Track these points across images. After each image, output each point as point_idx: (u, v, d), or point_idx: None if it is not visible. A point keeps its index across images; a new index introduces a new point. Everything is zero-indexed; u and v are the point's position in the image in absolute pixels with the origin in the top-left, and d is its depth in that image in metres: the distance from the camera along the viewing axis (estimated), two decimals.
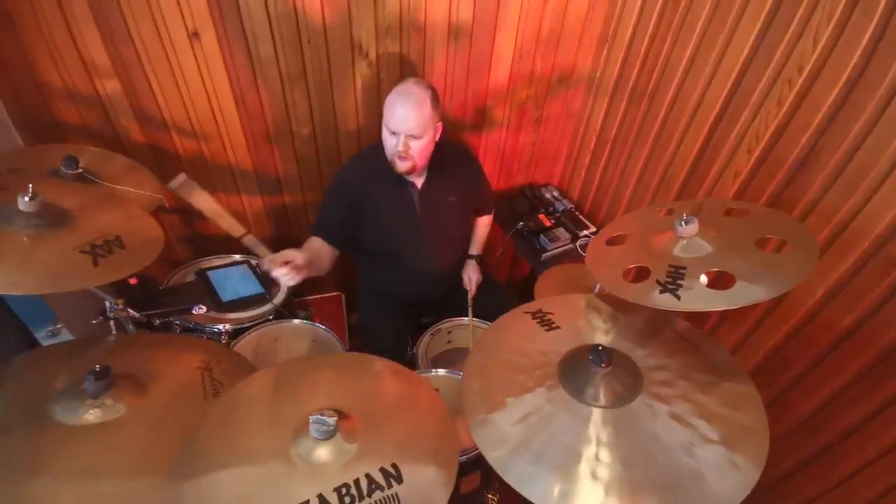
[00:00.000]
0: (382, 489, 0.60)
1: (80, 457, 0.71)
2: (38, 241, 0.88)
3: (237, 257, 1.63)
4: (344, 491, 0.59)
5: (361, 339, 1.61)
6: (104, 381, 0.79)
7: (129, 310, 1.12)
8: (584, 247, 1.72)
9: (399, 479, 0.62)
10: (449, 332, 1.56)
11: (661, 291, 0.81)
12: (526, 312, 0.94)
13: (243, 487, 0.60)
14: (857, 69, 1.00)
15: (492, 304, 1.58)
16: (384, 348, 1.50)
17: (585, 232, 1.75)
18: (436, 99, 1.29)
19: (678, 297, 0.79)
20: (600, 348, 0.74)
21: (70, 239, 0.90)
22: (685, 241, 0.89)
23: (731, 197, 1.30)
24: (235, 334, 1.41)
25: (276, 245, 1.82)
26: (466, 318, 1.51)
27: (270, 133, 1.55)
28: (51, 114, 1.36)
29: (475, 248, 1.66)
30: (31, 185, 0.90)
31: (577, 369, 0.77)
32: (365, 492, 0.59)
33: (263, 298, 1.50)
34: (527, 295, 2.12)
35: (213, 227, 1.74)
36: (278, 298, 1.52)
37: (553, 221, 1.79)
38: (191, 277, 1.54)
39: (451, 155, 1.42)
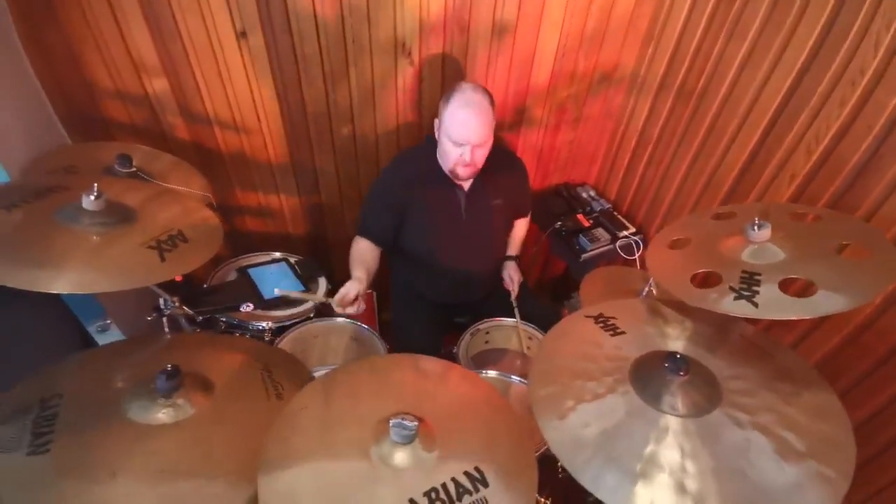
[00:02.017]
0: (470, 493, 0.60)
1: (156, 456, 0.72)
2: (106, 238, 0.88)
3: (276, 255, 1.63)
4: (434, 495, 0.59)
5: (394, 337, 1.61)
6: (175, 380, 0.79)
7: (185, 307, 1.12)
8: (624, 248, 1.69)
9: (485, 483, 0.61)
10: (487, 333, 1.55)
11: (737, 298, 0.79)
12: (587, 317, 0.92)
13: (330, 487, 0.60)
14: None
15: (532, 305, 1.57)
16: (418, 348, 1.50)
17: (625, 232, 1.73)
18: (493, 103, 1.28)
19: (755, 305, 0.77)
20: (678, 356, 0.73)
21: (136, 235, 0.91)
22: (756, 247, 0.87)
23: (786, 200, 1.28)
24: (277, 332, 1.42)
25: (313, 243, 1.85)
26: (511, 320, 1.50)
27: (311, 131, 1.55)
28: (98, 111, 1.37)
29: (514, 248, 1.65)
30: (95, 184, 0.90)
31: (651, 376, 0.76)
32: (454, 496, 0.59)
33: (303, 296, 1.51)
34: (560, 295, 2.13)
35: (251, 224, 1.76)
36: (318, 296, 1.53)
37: (591, 222, 1.77)
38: (232, 275, 1.55)
39: (498, 158, 1.40)
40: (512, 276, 1.59)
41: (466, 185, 1.41)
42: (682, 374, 0.72)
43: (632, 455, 0.67)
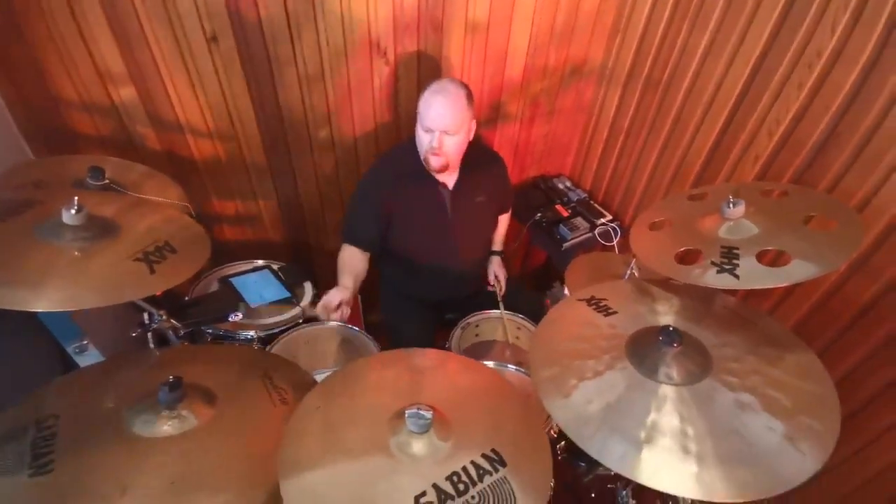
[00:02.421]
0: (490, 473, 0.62)
1: (166, 468, 0.71)
2: (89, 253, 0.86)
3: (258, 262, 1.61)
4: (456, 479, 0.61)
5: (387, 337, 1.62)
6: (178, 392, 0.78)
7: (173, 320, 1.10)
8: (602, 235, 1.76)
9: (503, 463, 0.64)
10: (477, 326, 1.58)
11: (719, 272, 0.85)
12: (580, 300, 0.96)
13: (352, 483, 0.61)
14: (873, 54, 1.06)
15: (520, 297, 1.61)
16: (411, 345, 1.51)
17: (602, 220, 1.80)
18: (470, 97, 1.30)
19: (737, 277, 0.83)
20: (671, 329, 0.77)
21: (121, 248, 0.89)
22: (732, 223, 0.93)
23: (752, 179, 1.36)
24: (266, 340, 1.41)
25: (295, 248, 1.83)
26: (497, 311, 1.53)
27: (288, 135, 1.54)
28: (63, 123, 1.33)
29: (498, 244, 1.69)
30: (76, 198, 0.88)
31: (646, 350, 0.80)
32: (475, 478, 0.61)
33: (290, 302, 1.50)
34: (543, 284, 2.17)
35: (230, 233, 1.73)
36: (305, 301, 1.52)
37: (570, 211, 1.83)
38: (214, 286, 1.52)
39: (479, 155, 1.44)
40: (497, 275, 1.63)
41: (451, 182, 1.44)
42: (675, 345, 0.77)
43: (635, 424, 0.71)
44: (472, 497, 0.60)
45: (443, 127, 1.27)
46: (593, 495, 1.17)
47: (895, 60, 1.03)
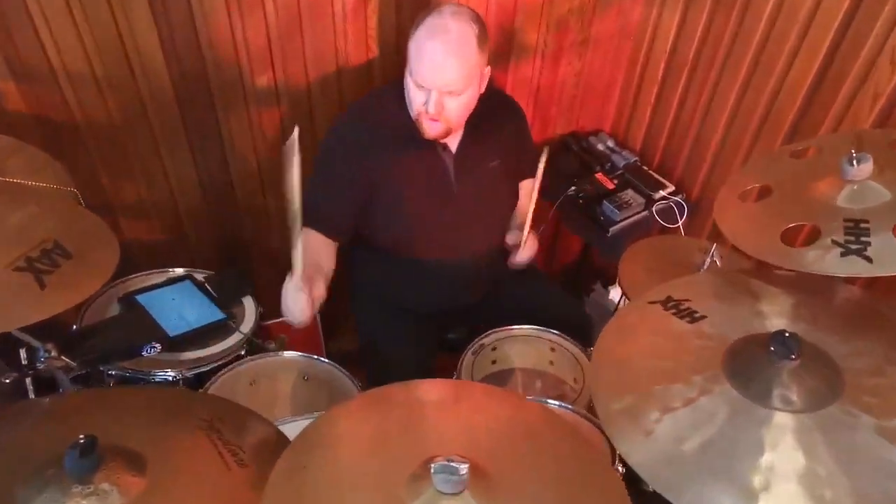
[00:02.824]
0: None
1: None
2: None
3: (178, 271, 1.61)
4: None
5: (370, 368, 1.64)
6: (92, 457, 0.78)
7: (64, 357, 1.10)
8: (663, 213, 1.81)
9: None
10: (494, 349, 1.60)
11: (844, 254, 0.89)
12: (653, 303, 1.00)
13: None
14: None
15: (550, 302, 1.65)
16: (403, 376, 1.52)
17: (662, 192, 1.85)
18: (483, 36, 1.32)
19: (870, 260, 0.87)
20: (786, 335, 0.81)
21: None
22: (855, 187, 0.97)
23: (870, 126, 1.41)
24: (193, 381, 1.41)
25: (226, 251, 1.83)
26: (528, 327, 1.55)
27: (212, 84, 1.55)
28: None
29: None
30: None
31: (753, 366, 0.84)
32: None
33: (226, 326, 1.50)
34: (578, 287, 2.22)
35: (131, 230, 1.71)
36: (247, 325, 1.53)
37: (616, 182, 1.88)
38: (113, 307, 1.52)
39: (492, 104, 1.46)
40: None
41: (453, 143, 1.46)
42: (793, 357, 0.80)
43: (746, 467, 0.74)
44: None
45: (442, 85, 1.29)
46: None
47: None
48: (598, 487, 0.77)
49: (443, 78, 1.28)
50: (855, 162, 0.96)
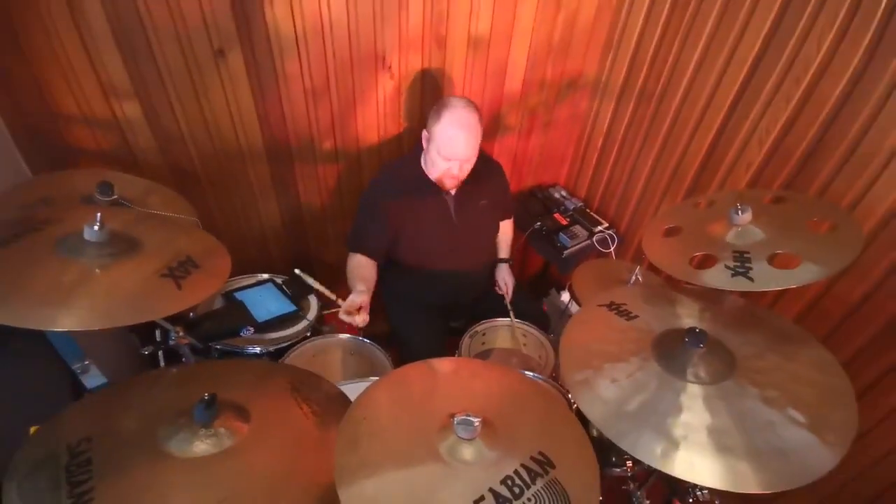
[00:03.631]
0: (542, 476, 0.64)
1: (211, 489, 0.70)
2: (111, 270, 0.85)
3: (263, 276, 1.60)
4: (510, 483, 0.62)
5: (398, 347, 1.62)
6: (214, 409, 0.77)
7: (190, 337, 1.08)
8: (600, 241, 1.81)
9: (551, 464, 0.66)
10: (483, 335, 1.60)
11: (734, 275, 0.89)
12: (600, 306, 1.00)
13: (410, 489, 0.62)
14: (859, 68, 1.14)
15: (522, 303, 1.64)
16: (424, 354, 1.52)
17: (599, 227, 1.85)
18: (481, 119, 1.35)
19: (751, 279, 0.87)
20: (697, 330, 0.81)
21: (147, 264, 0.88)
22: (740, 229, 0.98)
23: (744, 186, 1.43)
24: (274, 355, 1.39)
25: (297, 262, 1.81)
26: (506, 319, 1.56)
27: (292, 147, 1.54)
28: (62, 139, 1.30)
29: (504, 251, 1.72)
30: (98, 214, 0.86)
31: (673, 351, 0.84)
32: (529, 480, 0.63)
33: (298, 315, 1.49)
34: (541, 290, 2.22)
35: (232, 247, 1.68)
36: (311, 314, 1.52)
37: (568, 220, 1.88)
38: (219, 301, 1.50)
39: (479, 162, 1.47)
40: (506, 280, 1.65)
41: (453, 190, 1.47)
42: (701, 346, 0.81)
43: (670, 422, 0.75)
44: (529, 499, 0.61)
45: (463, 158, 1.33)
46: (601, 499, 1.20)
47: (880, 74, 1.11)
48: (566, 430, 0.77)
49: (465, 153, 1.33)
50: (740, 212, 0.97)
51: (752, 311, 0.97)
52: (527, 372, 1.25)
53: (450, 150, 1.32)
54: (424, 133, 1.38)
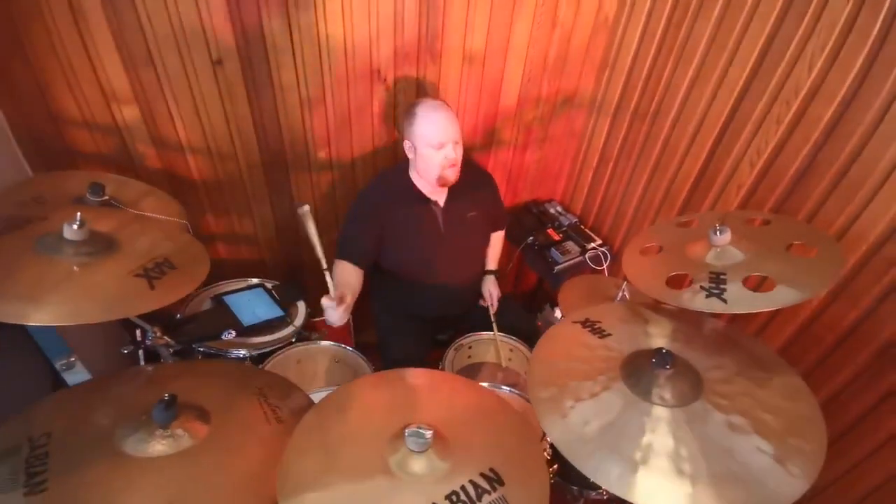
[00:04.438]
0: (489, 493, 0.62)
1: (161, 489, 0.70)
2: (89, 268, 0.86)
3: (253, 281, 1.61)
4: (455, 498, 0.61)
5: (381, 357, 1.62)
6: (173, 410, 0.77)
7: (167, 338, 1.09)
8: (593, 258, 1.79)
9: (500, 482, 0.64)
10: (470, 347, 1.58)
11: (707, 296, 0.87)
12: (575, 322, 0.98)
13: (353, 502, 0.61)
14: (850, 91, 1.12)
15: (513, 317, 1.62)
16: (404, 364, 1.50)
17: (593, 245, 1.83)
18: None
19: (724, 301, 0.85)
20: (664, 351, 0.79)
21: (122, 264, 0.89)
22: (719, 250, 0.96)
23: (735, 208, 1.41)
24: (258, 359, 1.39)
25: (289, 269, 1.83)
26: (490, 333, 1.54)
27: (287, 156, 1.56)
28: (63, 140, 1.33)
29: (492, 263, 1.71)
30: (78, 213, 0.88)
31: (640, 372, 0.82)
32: (474, 497, 0.61)
33: (284, 321, 1.49)
34: (535, 306, 2.19)
35: (225, 251, 1.72)
36: (299, 320, 1.52)
37: (561, 235, 1.86)
38: (207, 304, 1.51)
39: (469, 172, 1.47)
40: (491, 292, 1.64)
41: (441, 200, 1.47)
42: (668, 367, 0.78)
43: (631, 445, 0.72)
44: None
45: (455, 137, 1.34)
46: None
47: (871, 98, 1.09)
48: (523, 448, 0.75)
49: (454, 130, 1.34)
50: (718, 232, 0.96)
51: (731, 334, 0.94)
52: (504, 387, 1.23)
53: (439, 133, 1.32)
54: (406, 143, 1.39)
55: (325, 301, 1.22)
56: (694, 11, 1.40)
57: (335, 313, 1.23)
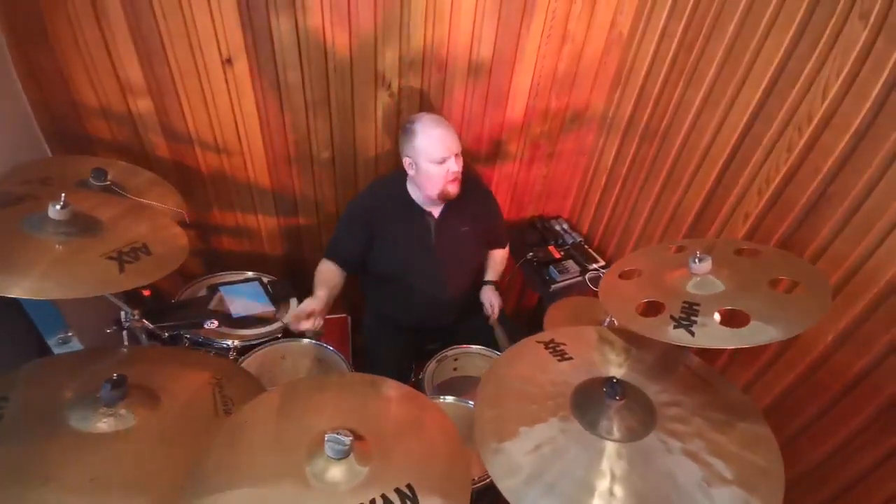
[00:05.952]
0: None
1: (90, 466, 0.71)
2: (69, 248, 0.90)
3: (249, 274, 1.64)
4: None
5: (364, 361, 1.61)
6: (120, 390, 0.79)
7: (145, 321, 1.12)
8: (593, 280, 1.72)
9: (415, 501, 0.61)
10: (455, 360, 1.54)
11: (676, 327, 0.81)
12: (538, 342, 0.94)
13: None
14: (865, 121, 1.03)
15: (513, 335, 1.58)
16: (386, 372, 1.49)
17: (594, 266, 1.76)
18: None
19: (692, 334, 0.79)
20: (615, 381, 0.74)
21: (98, 246, 0.92)
22: (698, 279, 0.90)
23: (742, 237, 1.32)
24: (243, 350, 1.42)
25: (289, 265, 1.86)
26: (478, 347, 1.50)
27: (291, 155, 1.60)
28: (81, 126, 1.41)
29: (493, 274, 1.67)
30: (63, 195, 0.93)
31: (590, 401, 0.77)
32: None
33: (273, 316, 1.51)
34: (535, 325, 2.13)
35: (228, 243, 1.77)
36: (287, 317, 1.53)
37: (563, 254, 1.81)
38: (203, 292, 1.56)
39: (468, 187, 1.45)
40: (492, 301, 1.59)
41: (436, 211, 1.45)
42: (618, 398, 0.73)
43: (566, 480, 0.68)
44: None
45: (455, 149, 1.34)
46: None
47: (887, 131, 1.01)
48: (452, 469, 0.71)
49: (455, 143, 1.34)
50: (698, 260, 0.90)
51: (702, 372, 0.87)
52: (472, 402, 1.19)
53: (441, 148, 1.32)
54: (406, 160, 1.39)
55: (288, 321, 1.27)
56: (707, 32, 1.34)
57: (306, 324, 1.26)
